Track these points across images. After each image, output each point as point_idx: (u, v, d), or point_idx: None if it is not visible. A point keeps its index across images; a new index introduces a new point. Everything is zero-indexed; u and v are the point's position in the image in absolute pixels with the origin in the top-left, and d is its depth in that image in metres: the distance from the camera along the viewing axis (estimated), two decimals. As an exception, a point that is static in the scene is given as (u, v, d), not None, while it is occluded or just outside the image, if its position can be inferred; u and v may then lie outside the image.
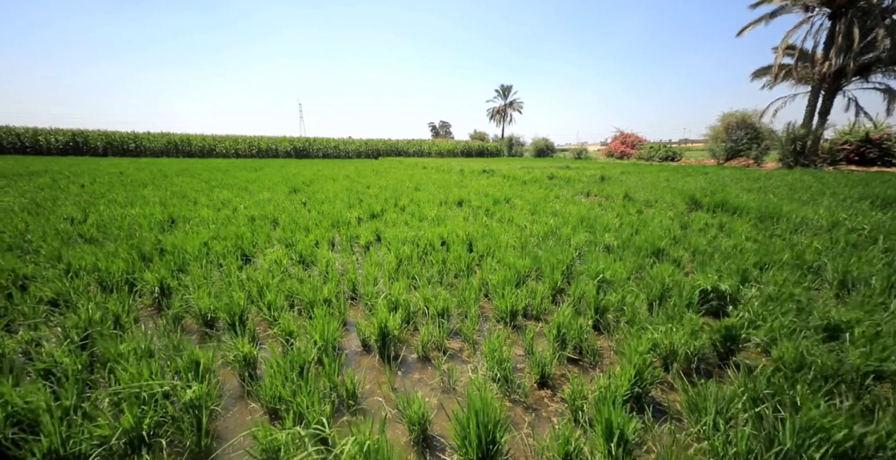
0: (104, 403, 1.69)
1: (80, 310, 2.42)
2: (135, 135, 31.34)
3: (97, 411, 1.63)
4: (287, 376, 1.91)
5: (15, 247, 3.94)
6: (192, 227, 4.96)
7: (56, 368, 1.89)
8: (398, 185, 10.19)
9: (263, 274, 3.27)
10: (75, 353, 1.99)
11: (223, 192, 8.42)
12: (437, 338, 2.40)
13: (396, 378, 2.13)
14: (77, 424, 1.52)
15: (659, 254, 3.97)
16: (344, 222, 5.53)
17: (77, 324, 2.29)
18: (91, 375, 1.92)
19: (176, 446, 1.59)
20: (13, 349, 2.12)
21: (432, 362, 2.26)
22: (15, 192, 7.59)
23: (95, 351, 2.09)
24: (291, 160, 30.57)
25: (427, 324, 2.49)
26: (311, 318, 2.60)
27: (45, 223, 4.91)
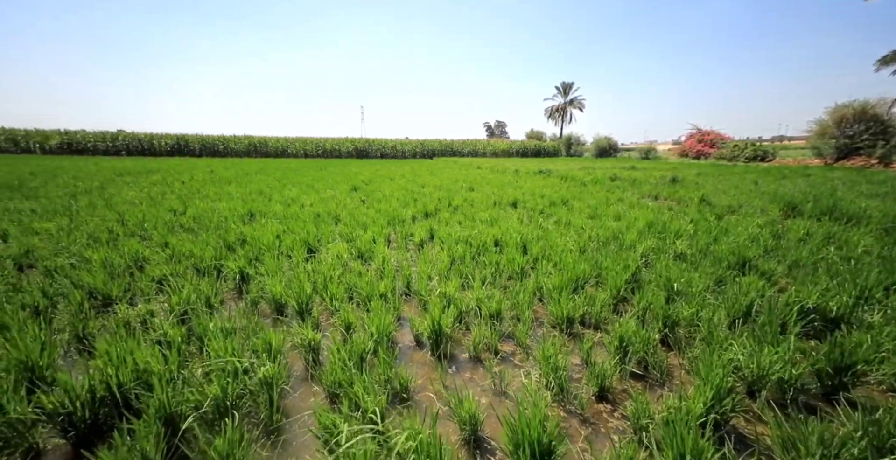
0: (198, 372, 1.93)
1: (181, 289, 2.80)
2: (223, 138, 35.64)
3: (193, 378, 1.86)
4: (346, 364, 2.02)
5: (136, 233, 4.69)
6: (266, 221, 5.49)
7: (164, 338, 2.20)
8: (452, 185, 10.30)
9: (327, 266, 3.50)
10: (177, 326, 2.31)
11: (293, 190, 9.19)
12: (489, 339, 2.38)
13: (447, 375, 2.14)
14: (178, 387, 1.75)
15: (744, 265, 3.51)
16: (399, 220, 5.72)
17: (178, 302, 2.66)
18: (188, 346, 2.21)
19: (252, 417, 1.77)
20: (135, 318, 2.52)
21: (483, 363, 2.24)
22: (137, 188, 9.03)
23: (192, 326, 2.40)
24: (352, 160, 32.46)
25: (479, 325, 2.47)
26: (369, 311, 2.73)
27: (156, 214, 5.77)
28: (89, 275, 3.03)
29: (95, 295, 2.87)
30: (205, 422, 1.68)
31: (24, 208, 5.91)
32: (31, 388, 1.76)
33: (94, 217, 5.45)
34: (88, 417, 1.62)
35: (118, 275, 3.25)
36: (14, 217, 5.30)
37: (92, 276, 3.00)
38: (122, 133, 33.16)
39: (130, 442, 1.43)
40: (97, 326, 2.43)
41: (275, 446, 1.63)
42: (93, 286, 2.90)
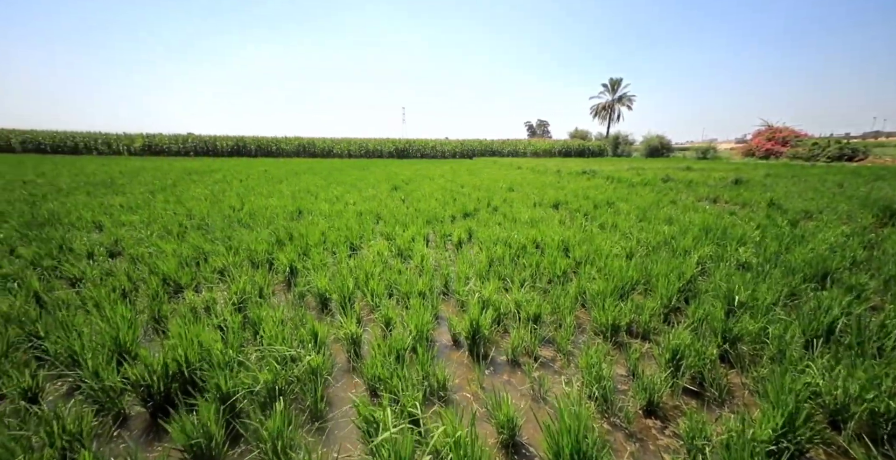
0: (252, 357, 2.09)
1: (238, 280, 3.04)
2: (276, 140, 38.22)
3: (248, 362, 2.01)
4: (386, 359, 2.08)
5: (201, 227, 5.16)
6: (313, 218, 5.79)
7: (224, 323, 2.41)
8: (491, 185, 10.21)
9: (368, 263, 3.62)
10: (235, 313, 2.51)
11: (338, 189, 9.62)
12: (528, 343, 2.33)
13: (485, 377, 2.13)
14: (235, 370, 1.90)
15: (825, 278, 3.13)
16: (438, 219, 5.77)
17: (236, 291, 2.88)
18: (244, 332, 2.39)
19: (299, 404, 1.87)
20: (200, 304, 2.78)
21: (522, 367, 2.19)
22: (202, 185, 9.95)
23: (247, 314, 2.59)
24: (393, 160, 33.32)
25: (518, 328, 2.43)
26: (408, 308, 2.78)
27: (217, 209, 6.31)
28: (164, 263, 3.38)
29: (168, 281, 3.20)
30: (257, 404, 1.81)
31: (114, 203, 6.73)
32: (119, 361, 2.00)
33: (168, 211, 6.08)
34: (163, 390, 1.81)
35: (186, 264, 3.60)
36: (107, 210, 6.06)
37: (166, 265, 3.34)
38: (191, 135, 36.75)
39: (195, 417, 1.58)
40: (170, 309, 2.71)
41: (319, 433, 1.72)
42: (166, 273, 3.23)
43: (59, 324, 2.27)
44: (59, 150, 33.14)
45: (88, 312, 2.48)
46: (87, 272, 3.25)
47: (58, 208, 5.96)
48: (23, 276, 3.04)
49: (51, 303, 2.64)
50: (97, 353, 1.94)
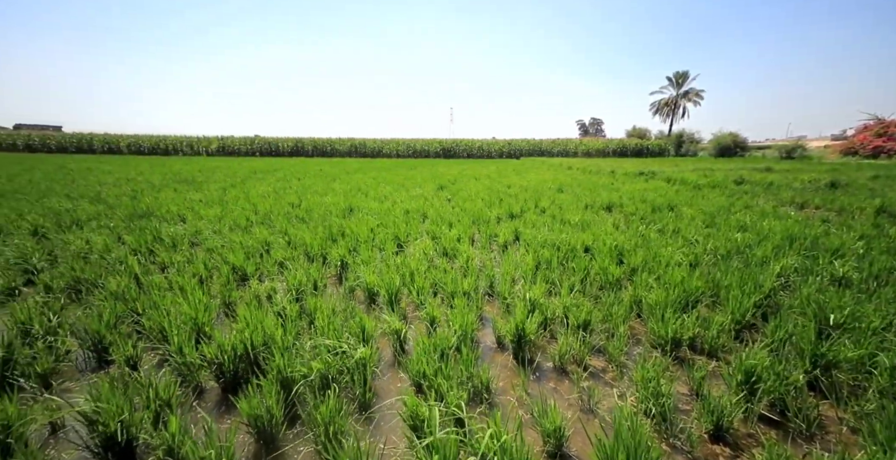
0: (307, 345, 2.23)
1: (295, 272, 3.26)
2: (330, 140, 40.54)
3: (303, 350, 2.15)
4: (430, 356, 2.10)
5: (264, 222, 5.63)
6: (363, 216, 6.04)
7: (283, 312, 2.60)
8: (539, 186, 9.93)
9: (414, 261, 3.69)
10: (292, 303, 2.70)
11: (386, 188, 9.95)
12: (576, 351, 2.22)
13: (530, 382, 2.07)
14: (293, 356, 2.04)
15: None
16: (484, 220, 5.73)
17: (294, 282, 3.10)
18: (300, 321, 2.56)
19: (348, 393, 1.96)
20: (263, 293, 3.03)
21: (570, 375, 2.10)
22: (266, 184, 10.85)
23: (304, 304, 2.77)
24: (440, 160, 33.74)
25: (566, 335, 2.33)
26: (452, 308, 2.79)
27: (278, 206, 6.83)
28: (233, 254, 3.74)
29: (237, 270, 3.52)
30: (311, 390, 1.92)
31: (195, 198, 7.57)
32: (198, 339, 2.25)
33: (237, 207, 6.70)
34: (232, 369, 2.00)
35: (252, 255, 3.94)
36: (189, 205, 6.84)
37: (235, 256, 3.68)
38: (258, 137, 40.33)
39: (260, 396, 1.72)
40: (238, 296, 2.98)
41: (367, 422, 1.79)
42: (235, 263, 3.56)
43: (153, 303, 2.61)
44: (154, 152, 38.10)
45: (175, 294, 2.82)
46: (173, 259, 3.69)
47: (151, 202, 6.84)
48: (126, 260, 3.53)
49: (147, 285, 3.04)
50: (181, 331, 2.20)
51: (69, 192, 7.72)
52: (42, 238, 4.45)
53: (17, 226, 4.78)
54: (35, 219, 4.99)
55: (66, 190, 8.07)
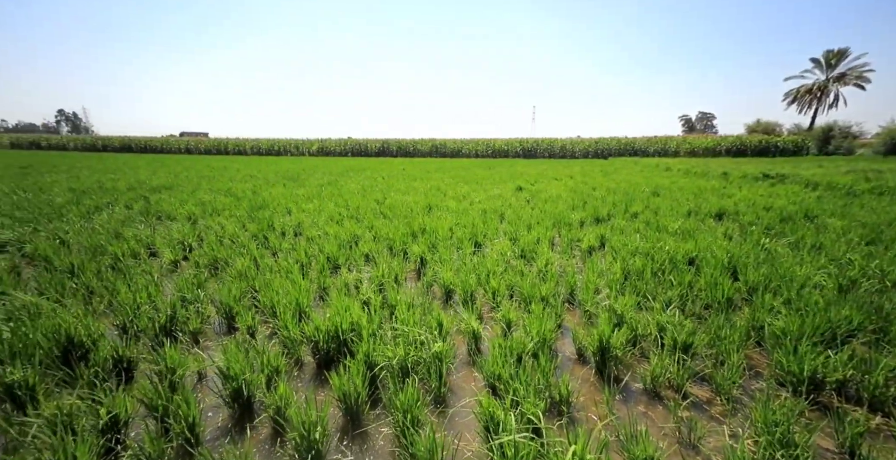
0: (388, 334, 2.38)
1: (379, 265, 3.51)
2: (413, 141, 42.70)
3: (386, 338, 2.31)
4: (506, 360, 2.07)
5: (353, 216, 6.18)
6: (441, 215, 6.22)
7: (368, 301, 2.82)
8: (630, 189, 9.05)
9: (491, 262, 3.67)
10: (376, 293, 2.91)
11: (464, 187, 10.09)
12: (672, 374, 1.97)
13: (615, 402, 1.90)
14: (377, 343, 2.20)
15: None
16: (566, 223, 5.44)
17: (378, 274, 3.34)
18: (383, 311, 2.75)
19: (425, 385, 2.04)
20: (351, 282, 3.33)
21: (664, 401, 1.87)
22: (355, 182, 11.91)
23: (386, 295, 2.97)
24: (519, 160, 33.04)
25: (660, 355, 2.08)
26: (529, 312, 2.71)
27: (366, 202, 7.43)
28: (328, 244, 4.18)
29: (331, 259, 3.93)
30: (392, 376, 2.05)
31: (299, 194, 8.67)
32: (299, 318, 2.57)
33: (332, 202, 7.47)
34: (325, 348, 2.24)
35: (343, 246, 4.35)
36: (294, 199, 7.86)
37: (329, 246, 4.11)
38: (350, 139, 44.52)
39: (348, 375, 1.89)
40: (331, 283, 3.33)
41: (441, 416, 1.84)
42: (329, 253, 3.97)
43: (266, 283, 3.06)
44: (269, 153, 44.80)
45: (282, 277, 3.26)
46: (282, 246, 4.28)
47: (266, 196, 8.04)
48: (248, 245, 4.21)
49: (262, 267, 3.58)
50: (287, 309, 2.54)
51: (210, 187, 9.49)
52: (193, 223, 5.56)
53: (178, 213, 6.05)
54: (189, 209, 6.25)
55: (209, 185, 9.93)
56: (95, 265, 3.46)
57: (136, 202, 7.03)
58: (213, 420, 1.78)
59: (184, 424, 1.58)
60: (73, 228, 4.81)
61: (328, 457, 1.58)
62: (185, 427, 1.57)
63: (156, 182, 10.17)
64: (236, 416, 1.81)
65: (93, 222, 5.26)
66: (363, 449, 1.65)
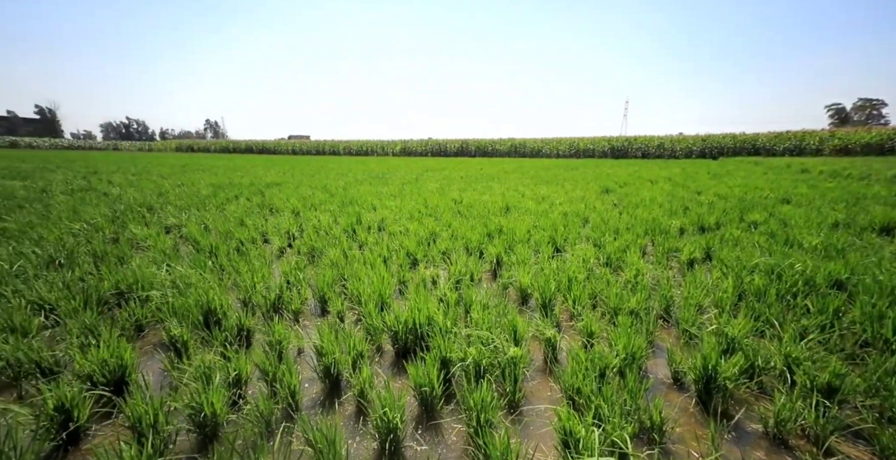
0: (462, 333, 2.39)
1: (455, 263, 3.57)
2: (492, 141, 42.57)
3: (460, 336, 2.33)
4: (587, 373, 1.92)
5: (432, 214, 6.40)
6: (519, 216, 6.07)
7: (443, 297, 2.88)
8: (749, 194, 7.70)
9: (572, 267, 3.46)
10: (452, 291, 2.95)
11: (544, 188, 9.70)
12: (808, 421, 1.60)
13: (723, 440, 1.62)
14: (451, 340, 2.23)
15: None
16: (661, 231, 4.85)
17: (454, 272, 3.39)
18: (458, 309, 2.78)
19: (498, 388, 2.01)
20: (428, 278, 3.44)
21: (795, 453, 1.53)
22: (433, 181, 12.33)
23: (461, 293, 3.00)
24: (606, 160, 30.56)
25: (789, 395, 1.71)
26: (614, 325, 2.48)
27: (444, 201, 7.62)
28: (408, 240, 4.39)
29: (410, 255, 4.12)
30: (466, 375, 2.06)
31: (383, 191, 9.31)
32: (381, 308, 2.75)
33: (412, 200, 7.85)
34: (403, 338, 2.35)
35: (421, 243, 4.53)
36: (378, 196, 8.46)
37: (409, 242, 4.32)
38: (431, 140, 46.28)
39: (424, 367, 1.96)
40: (409, 277, 3.49)
41: (514, 423, 1.78)
42: (408, 249, 4.17)
43: (354, 273, 3.34)
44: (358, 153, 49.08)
45: (367, 268, 3.53)
46: (367, 239, 4.64)
47: (354, 193, 8.80)
48: (339, 237, 4.66)
49: (350, 258, 3.92)
50: (370, 299, 2.74)
51: (310, 184, 10.76)
52: (296, 215, 6.36)
53: (284, 207, 6.99)
54: (293, 203, 7.17)
55: (309, 182, 11.27)
56: (226, 247, 4.18)
57: (254, 196, 8.31)
58: (309, 391, 2.01)
59: (287, 391, 1.81)
60: (212, 216, 5.89)
61: (405, 443, 1.65)
62: (289, 393, 1.80)
63: (269, 179, 11.89)
64: (327, 391, 2.00)
65: (225, 212, 6.37)
66: (436, 441, 1.68)
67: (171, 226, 5.45)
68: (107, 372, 1.91)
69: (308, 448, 1.54)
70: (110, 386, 1.91)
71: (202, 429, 1.64)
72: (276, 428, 1.70)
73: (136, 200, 7.14)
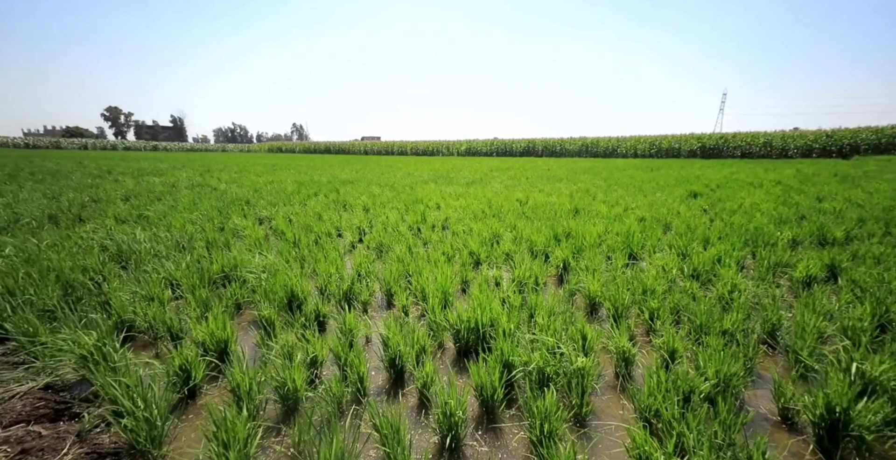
0: (526, 337, 2.32)
1: (519, 266, 3.47)
2: (561, 140, 40.69)
3: (523, 340, 2.26)
4: (668, 395, 1.72)
5: (496, 215, 6.33)
6: (589, 219, 5.69)
7: (506, 299, 2.82)
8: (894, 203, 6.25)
9: (650, 278, 3.15)
10: (515, 294, 2.88)
11: (617, 191, 8.99)
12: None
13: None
14: (514, 344, 2.17)
15: None
16: (766, 241, 4.17)
17: (517, 274, 3.30)
18: (522, 313, 2.70)
19: (564, 398, 1.90)
20: (490, 279, 3.41)
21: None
22: (498, 181, 12.16)
23: (525, 297, 2.90)
24: (695, 160, 27.23)
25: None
26: (702, 345, 2.19)
27: (508, 202, 7.48)
28: (471, 240, 4.39)
29: (473, 254, 4.11)
30: (529, 380, 1.99)
31: (447, 191, 9.46)
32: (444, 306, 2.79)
33: (475, 200, 7.84)
34: (465, 337, 2.36)
35: (484, 243, 4.49)
36: (442, 195, 8.62)
37: (472, 241, 4.31)
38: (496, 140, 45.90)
39: (485, 368, 1.93)
40: (472, 277, 3.48)
41: (581, 438, 1.67)
42: (471, 248, 4.17)
43: (418, 269, 3.44)
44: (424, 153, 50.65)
45: (431, 266, 3.61)
46: (431, 238, 4.75)
47: (420, 192, 9.08)
48: (405, 234, 4.85)
49: (415, 255, 4.05)
50: (434, 296, 2.79)
51: (379, 182, 11.37)
52: (367, 211, 6.78)
53: (356, 203, 7.49)
54: (364, 200, 7.65)
55: (378, 181, 11.92)
56: (307, 239, 4.61)
57: (331, 193, 9.05)
58: (375, 378, 2.12)
59: (356, 376, 1.92)
60: (295, 210, 6.56)
61: (465, 441, 1.65)
62: (357, 379, 1.92)
63: (343, 177, 12.86)
64: (391, 381, 2.09)
65: (306, 207, 7.05)
66: (497, 444, 1.65)
67: (263, 218, 6.19)
68: (214, 342, 2.23)
69: (374, 432, 1.61)
70: (217, 354, 2.23)
71: (285, 402, 1.83)
72: (347, 410, 1.82)
73: (237, 195, 8.25)
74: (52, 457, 1.49)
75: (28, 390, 1.86)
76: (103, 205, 6.83)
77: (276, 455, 1.60)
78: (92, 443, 1.58)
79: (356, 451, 1.56)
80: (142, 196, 7.95)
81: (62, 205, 6.57)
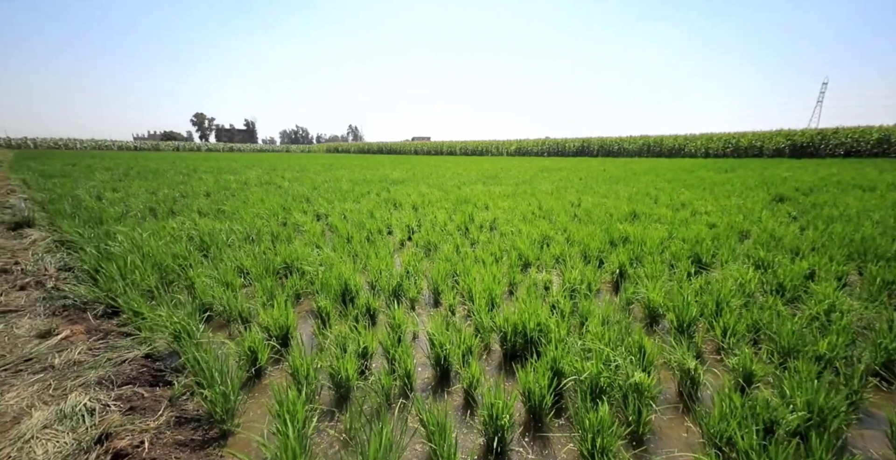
0: (577, 345, 2.20)
1: (571, 270, 3.31)
2: (619, 140, 38.24)
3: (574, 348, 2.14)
4: (744, 422, 1.53)
5: (545, 217, 6.11)
6: (649, 223, 5.27)
7: (556, 304, 2.71)
8: None
9: (724, 290, 2.83)
10: (566, 299, 2.75)
11: (684, 193, 8.24)
12: None
13: None
14: (565, 351, 2.08)
15: None
16: (878, 255, 3.55)
17: (568, 279, 3.15)
18: (572, 319, 2.57)
19: (618, 412, 1.78)
20: (540, 282, 3.30)
21: None
22: (549, 182, 11.78)
23: (577, 303, 2.76)
24: (782, 160, 24.03)
25: None
26: (789, 371, 1.92)
27: (559, 203, 7.19)
28: (520, 241, 4.28)
29: (521, 256, 4.01)
30: (580, 391, 1.89)
31: (495, 192, 9.35)
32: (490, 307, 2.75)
33: (525, 201, 7.65)
34: (512, 341, 2.30)
35: (534, 245, 4.36)
36: (491, 196, 8.54)
37: (521, 243, 4.21)
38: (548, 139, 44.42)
39: (532, 373, 1.87)
40: (520, 279, 3.40)
41: (638, 458, 1.55)
42: (520, 250, 4.06)
43: (465, 269, 3.43)
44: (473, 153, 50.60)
45: (478, 266, 3.59)
46: (479, 238, 4.72)
47: (468, 192, 9.07)
48: (453, 234, 4.87)
49: (462, 254, 4.05)
50: (481, 297, 2.77)
51: (428, 182, 11.57)
52: (416, 210, 6.93)
53: (406, 202, 7.69)
54: (413, 199, 7.83)
55: (427, 180, 12.14)
56: (359, 236, 4.83)
57: (382, 192, 9.39)
58: (421, 374, 2.15)
59: (404, 370, 1.97)
60: (349, 208, 6.91)
61: (510, 447, 1.61)
62: (405, 373, 1.96)
63: (394, 177, 13.27)
64: (437, 378, 2.11)
65: (359, 205, 7.39)
66: (545, 453, 1.59)
67: (321, 214, 6.60)
68: (277, 327, 2.42)
69: (421, 428, 1.64)
70: (279, 339, 2.42)
71: (338, 389, 1.93)
72: (395, 403, 1.87)
73: (298, 193, 8.89)
74: (151, 416, 1.72)
75: (134, 357, 2.17)
76: (189, 199, 7.74)
77: (330, 438, 1.69)
78: (180, 408, 1.80)
79: (403, 444, 1.60)
80: (219, 192, 8.90)
81: (159, 198, 7.58)
